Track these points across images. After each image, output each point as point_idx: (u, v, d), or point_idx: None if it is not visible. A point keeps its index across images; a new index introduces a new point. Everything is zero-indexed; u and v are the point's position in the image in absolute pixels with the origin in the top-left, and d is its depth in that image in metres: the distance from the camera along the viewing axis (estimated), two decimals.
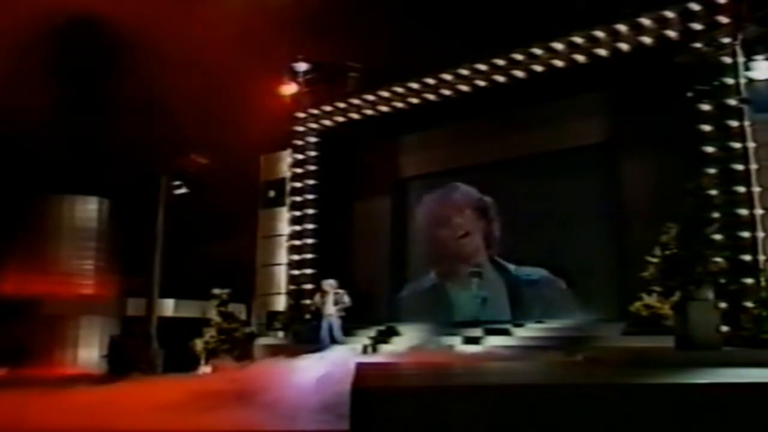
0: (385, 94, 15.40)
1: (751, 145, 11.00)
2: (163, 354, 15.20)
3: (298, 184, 16.68)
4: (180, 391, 9.98)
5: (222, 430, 8.06)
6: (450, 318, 13.89)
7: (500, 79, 13.80)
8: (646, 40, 12.13)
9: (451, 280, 14.52)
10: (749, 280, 10.45)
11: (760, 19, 11.06)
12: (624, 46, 12.35)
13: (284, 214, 16.86)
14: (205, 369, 14.73)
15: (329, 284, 13.75)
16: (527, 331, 12.80)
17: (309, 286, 15.58)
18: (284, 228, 16.78)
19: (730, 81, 11.19)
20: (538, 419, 4.41)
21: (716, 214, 10.79)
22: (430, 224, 14.81)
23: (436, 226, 14.53)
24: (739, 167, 10.95)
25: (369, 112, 15.79)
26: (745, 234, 10.75)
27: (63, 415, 8.26)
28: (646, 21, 12.09)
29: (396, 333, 14.08)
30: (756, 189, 10.85)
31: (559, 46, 13.04)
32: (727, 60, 11.24)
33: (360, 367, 6.66)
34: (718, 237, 10.66)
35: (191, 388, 10.21)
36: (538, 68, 13.32)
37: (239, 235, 17.77)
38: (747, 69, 11.15)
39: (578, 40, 12.82)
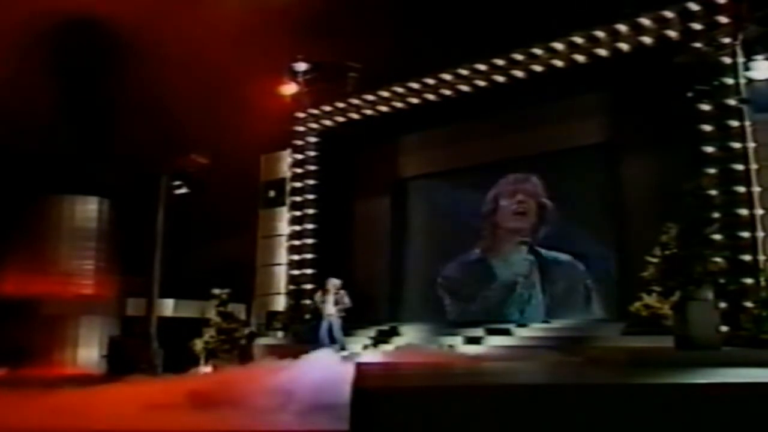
0: (385, 94, 15.39)
1: (751, 145, 10.99)
2: (163, 354, 15.20)
3: (298, 184, 16.67)
4: (179, 391, 9.99)
5: (219, 430, 8.07)
6: (495, 281, 14.32)
7: (500, 79, 13.79)
8: (646, 40, 12.12)
9: (493, 255, 14.53)
10: (749, 280, 10.44)
11: (760, 19, 11.05)
12: (624, 46, 12.34)
13: (284, 214, 16.85)
14: (204, 369, 14.73)
15: (333, 283, 13.70)
16: (528, 331, 12.81)
17: (309, 286, 15.58)
18: (284, 228, 16.77)
19: (730, 81, 11.18)
20: (538, 419, 4.41)
21: (716, 214, 10.78)
22: (495, 196, 14.68)
23: (501, 197, 14.48)
24: (739, 167, 10.95)
25: (369, 112, 15.78)
26: (745, 234, 10.75)
27: (62, 415, 8.26)
28: (646, 21, 12.08)
29: (396, 333, 14.10)
30: (756, 189, 10.84)
31: (559, 46, 13.03)
32: (727, 60, 11.23)
33: (360, 367, 6.67)
34: (718, 237, 10.65)
35: (190, 389, 10.21)
36: (538, 68, 13.31)
37: (239, 235, 17.76)
38: (747, 69, 11.14)
39: (578, 40, 12.81)
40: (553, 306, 13.61)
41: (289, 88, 16.55)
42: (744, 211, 10.80)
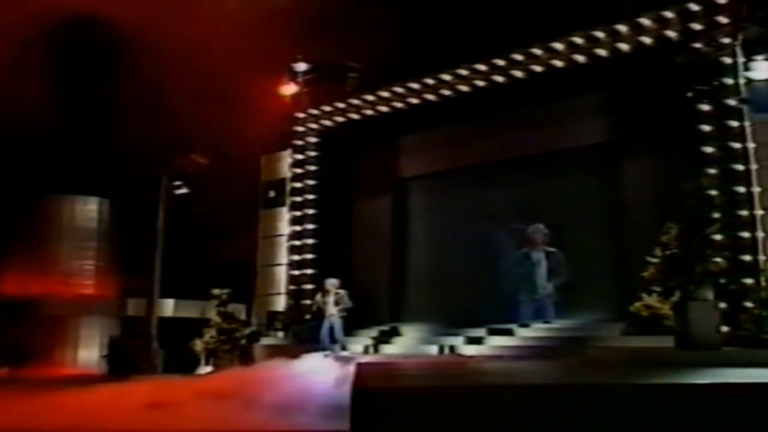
0: (385, 94, 15.38)
1: (751, 145, 10.99)
2: (163, 354, 15.18)
3: (298, 185, 16.66)
4: (180, 391, 9.99)
5: (221, 430, 8.07)
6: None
7: (500, 79, 13.79)
8: (646, 40, 12.11)
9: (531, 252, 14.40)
10: (749, 280, 10.43)
11: (760, 19, 11.06)
12: (624, 46, 12.33)
13: (284, 215, 16.85)
14: (205, 369, 14.73)
15: (331, 283, 13.72)
16: (529, 332, 12.81)
17: (309, 286, 15.58)
18: (284, 228, 16.77)
19: (729, 81, 11.17)
20: (538, 419, 4.41)
21: (716, 214, 10.78)
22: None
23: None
24: (739, 167, 10.94)
25: (369, 112, 15.77)
26: (745, 234, 10.74)
27: (63, 415, 8.26)
28: (646, 21, 12.07)
29: (398, 333, 14.10)
30: (756, 189, 10.84)
31: (559, 46, 13.02)
32: (727, 60, 11.23)
33: (360, 367, 6.67)
34: (718, 237, 10.65)
35: (191, 389, 10.21)
36: (538, 68, 13.30)
37: (239, 235, 17.76)
38: (747, 69, 11.14)
39: (578, 40, 12.80)
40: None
41: (289, 88, 16.55)
42: (744, 211, 10.80)
